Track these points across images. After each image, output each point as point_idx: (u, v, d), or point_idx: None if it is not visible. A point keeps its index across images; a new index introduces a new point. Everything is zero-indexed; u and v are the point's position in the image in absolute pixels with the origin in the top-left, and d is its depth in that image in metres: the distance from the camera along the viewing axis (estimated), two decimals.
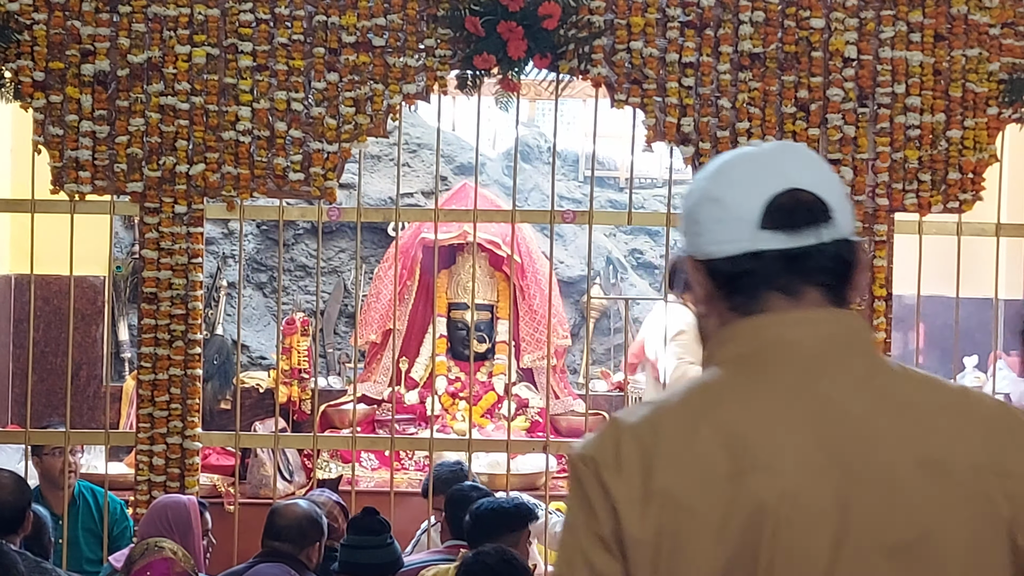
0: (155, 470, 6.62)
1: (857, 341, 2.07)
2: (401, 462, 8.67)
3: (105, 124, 6.58)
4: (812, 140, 6.56)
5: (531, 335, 9.33)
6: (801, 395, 2.00)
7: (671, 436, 1.99)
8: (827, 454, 1.96)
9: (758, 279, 2.06)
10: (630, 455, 1.98)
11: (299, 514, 5.68)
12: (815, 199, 2.04)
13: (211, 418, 8.44)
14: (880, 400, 2.01)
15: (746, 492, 1.94)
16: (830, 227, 2.04)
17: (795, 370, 2.02)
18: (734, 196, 2.07)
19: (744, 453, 1.95)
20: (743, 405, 2.01)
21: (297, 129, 6.60)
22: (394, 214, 7.04)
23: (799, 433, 1.97)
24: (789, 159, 2.10)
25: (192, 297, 6.63)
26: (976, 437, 2.01)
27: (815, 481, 1.95)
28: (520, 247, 9.06)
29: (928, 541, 1.96)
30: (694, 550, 1.94)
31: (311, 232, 10.67)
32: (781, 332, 2.05)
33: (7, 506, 5.34)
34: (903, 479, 1.97)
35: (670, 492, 1.95)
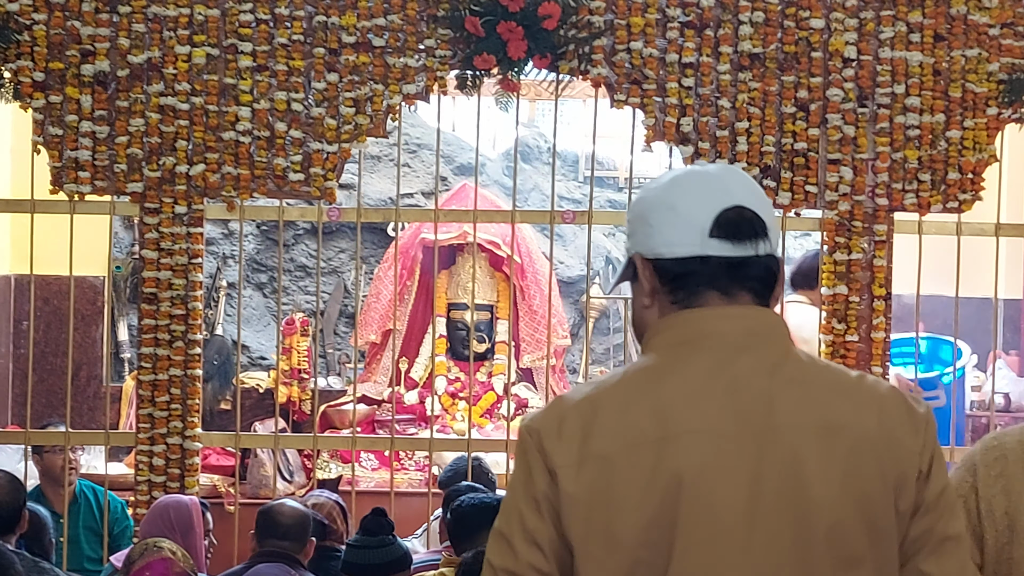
0: (155, 470, 6.62)
1: (773, 335, 2.39)
2: (401, 462, 8.67)
3: (105, 124, 6.58)
4: (812, 140, 6.56)
5: (531, 335, 9.33)
6: (720, 375, 2.32)
7: (607, 409, 2.30)
8: (738, 422, 2.28)
9: (701, 279, 2.37)
10: (571, 426, 2.29)
11: (297, 512, 5.70)
12: (756, 216, 2.37)
13: (211, 418, 8.45)
14: (786, 380, 2.33)
15: (669, 454, 2.25)
16: (765, 242, 2.38)
17: (718, 355, 2.34)
18: (687, 206, 2.38)
19: (668, 422, 2.27)
20: (671, 382, 2.32)
21: (297, 129, 6.60)
22: (394, 214, 7.04)
23: (715, 405, 2.29)
24: (734, 180, 2.42)
25: (192, 297, 6.63)
26: (870, 412, 2.33)
27: (727, 445, 2.27)
28: (520, 247, 9.07)
29: (824, 499, 2.26)
30: (622, 503, 2.24)
31: (311, 232, 10.67)
32: (712, 324, 2.36)
33: (2, 506, 5.33)
34: (802, 443, 2.28)
35: (604, 454, 2.26)
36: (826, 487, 2.27)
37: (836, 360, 6.56)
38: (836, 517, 2.27)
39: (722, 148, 6.58)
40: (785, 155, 6.59)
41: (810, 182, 6.60)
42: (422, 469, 8.67)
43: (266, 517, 5.69)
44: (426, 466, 8.50)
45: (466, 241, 9.14)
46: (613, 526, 2.24)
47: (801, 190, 6.60)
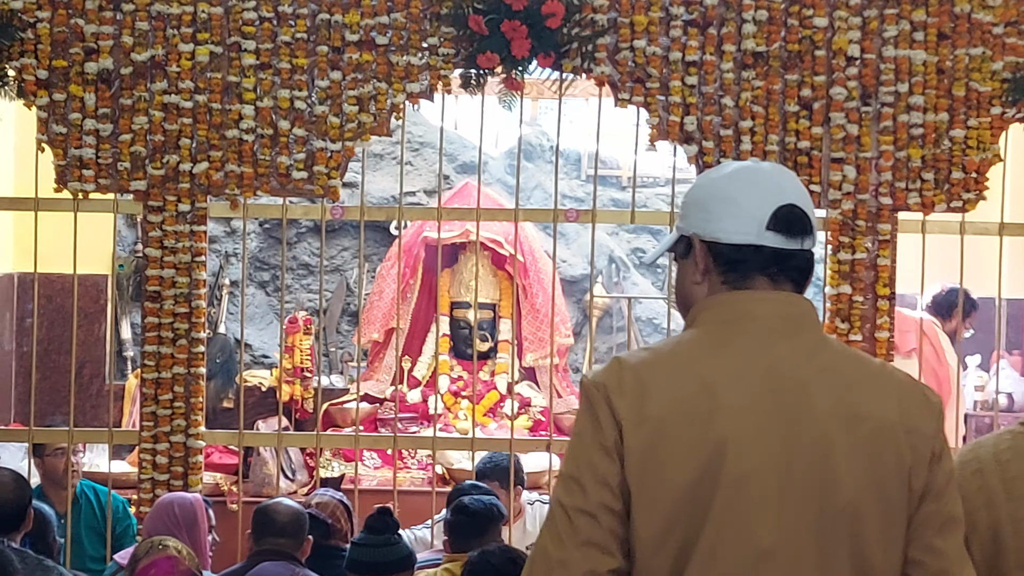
0: (158, 468, 6.62)
1: (808, 321, 2.68)
2: (404, 461, 8.67)
3: (108, 122, 6.58)
4: (815, 139, 6.56)
5: (534, 334, 9.33)
6: (762, 356, 2.61)
7: (661, 377, 2.60)
8: (776, 403, 2.57)
9: (753, 265, 2.67)
10: (631, 385, 2.59)
11: (293, 510, 5.70)
12: (804, 215, 2.66)
13: (213, 417, 8.44)
14: (819, 366, 2.62)
15: (715, 425, 2.54)
16: (810, 239, 2.68)
17: (758, 336, 2.64)
18: (748, 199, 2.67)
19: (715, 395, 2.56)
20: (719, 358, 2.62)
21: (300, 127, 6.60)
22: (397, 212, 7.03)
23: (756, 385, 2.58)
24: (786, 180, 2.72)
25: (195, 295, 6.63)
26: (890, 400, 2.61)
27: (765, 422, 2.56)
28: (523, 246, 9.07)
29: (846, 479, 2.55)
30: (672, 462, 2.54)
31: (313, 231, 10.67)
32: (756, 306, 2.66)
33: (7, 504, 5.32)
34: (831, 428, 2.56)
35: (658, 416, 2.56)
36: (849, 468, 2.55)
37: None
38: (855, 495, 2.55)
39: (726, 147, 6.58)
40: (788, 154, 6.59)
41: (813, 181, 6.59)
42: (424, 468, 8.67)
43: (262, 516, 5.69)
44: (428, 465, 8.50)
45: (469, 239, 9.13)
46: (662, 480, 2.54)
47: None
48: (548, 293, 9.12)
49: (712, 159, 6.57)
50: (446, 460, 8.34)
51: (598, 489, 2.57)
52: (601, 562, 2.56)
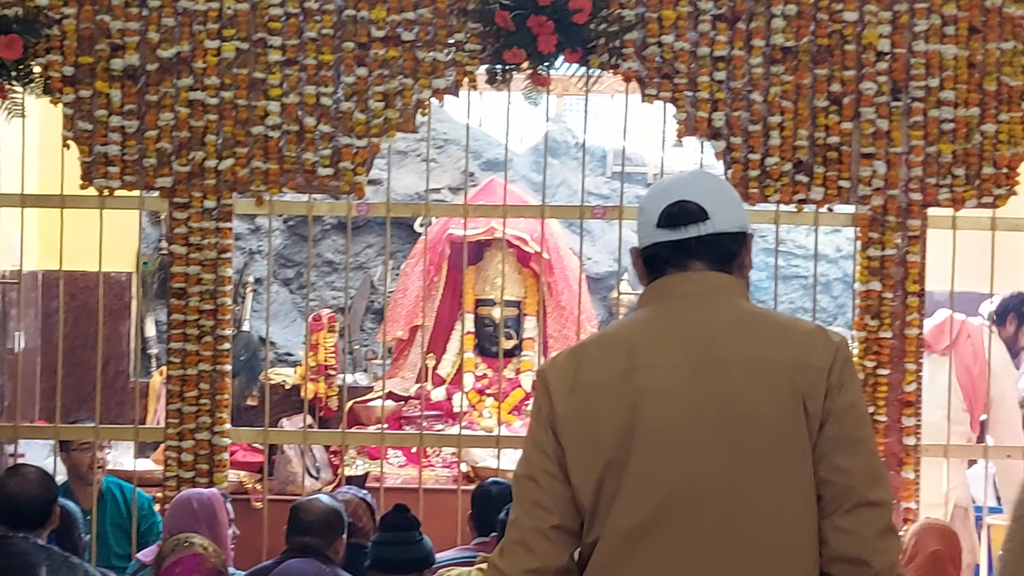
0: (184, 466, 6.60)
1: (722, 292, 3.07)
2: (429, 459, 8.64)
3: (134, 119, 6.56)
4: (845, 134, 6.51)
5: (559, 331, 9.29)
6: (676, 322, 3.03)
7: (595, 350, 3.08)
8: (685, 356, 2.98)
9: (659, 259, 3.09)
10: (567, 364, 3.06)
11: (325, 508, 5.66)
12: (696, 207, 3.05)
13: (237, 415, 8.42)
14: (726, 323, 3.03)
15: (634, 381, 2.97)
16: (703, 224, 3.05)
17: (675, 307, 3.05)
18: (648, 207, 3.12)
19: (635, 357, 3.00)
20: (641, 328, 3.07)
21: (326, 124, 6.58)
22: (423, 209, 7.00)
23: (669, 345, 3.00)
24: (689, 181, 3.15)
25: (221, 292, 6.62)
26: (789, 345, 2.99)
27: (676, 374, 2.97)
28: (548, 243, 9.02)
29: (749, 409, 2.94)
30: (600, 420, 2.97)
31: (337, 228, 10.65)
32: (672, 286, 3.07)
33: (33, 501, 5.32)
34: (732, 372, 2.96)
35: (588, 383, 3.00)
36: (751, 403, 2.94)
37: (869, 357, 6.53)
38: (758, 424, 2.93)
39: (754, 143, 6.54)
40: (818, 149, 6.55)
41: (843, 177, 6.55)
42: (449, 466, 8.64)
43: (293, 513, 5.67)
44: (453, 462, 8.47)
45: (494, 237, 9.09)
46: (593, 435, 2.97)
47: (834, 185, 6.55)
48: (574, 290, 9.08)
49: (740, 155, 6.54)
50: (471, 458, 8.31)
51: (538, 456, 3.03)
52: (543, 519, 3.00)
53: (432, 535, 5.74)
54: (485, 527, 6.04)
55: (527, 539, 3.01)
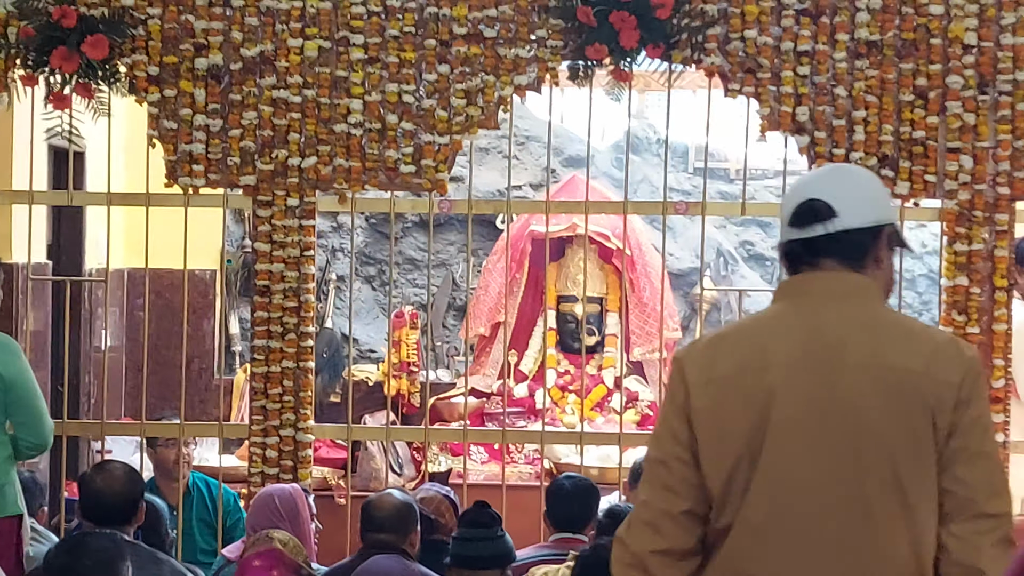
0: (268, 462, 6.64)
1: (856, 293, 3.12)
2: (511, 455, 8.64)
3: (218, 118, 6.60)
4: (931, 128, 6.45)
5: (641, 328, 9.25)
6: (809, 320, 3.10)
7: (729, 344, 3.17)
8: (816, 358, 3.05)
9: (793, 256, 3.20)
10: (702, 354, 3.17)
11: (396, 503, 5.65)
12: (824, 205, 3.13)
13: (320, 412, 8.46)
14: (859, 326, 3.08)
15: (765, 379, 3.06)
16: (831, 222, 3.12)
17: (809, 306, 3.12)
18: (785, 204, 3.24)
19: (767, 354, 3.08)
20: (773, 326, 3.16)
21: (408, 121, 6.59)
22: (504, 206, 7.00)
23: (801, 343, 3.07)
24: (822, 178, 3.28)
25: (304, 290, 6.64)
26: (920, 355, 3.03)
27: (806, 375, 3.05)
28: (630, 239, 8.98)
29: (876, 417, 3.01)
30: (732, 415, 3.06)
31: (419, 225, 10.67)
32: (805, 284, 3.16)
33: (119, 497, 5.34)
34: (863, 378, 3.02)
35: (722, 377, 3.10)
36: (878, 411, 3.00)
37: None
38: (884, 432, 3.00)
39: (839, 138, 6.49)
40: (903, 144, 6.49)
41: (929, 171, 6.49)
42: (531, 462, 8.63)
43: (365, 510, 5.67)
44: (535, 459, 8.47)
45: (575, 233, 9.07)
46: (725, 429, 3.06)
47: (920, 179, 6.49)
48: (656, 287, 9.03)
49: (824, 150, 6.49)
50: (554, 454, 8.30)
51: (670, 443, 3.12)
52: (673, 504, 3.09)
53: (514, 532, 5.73)
54: (560, 523, 6.03)
55: (656, 521, 3.11)
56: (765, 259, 10.92)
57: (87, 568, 4.23)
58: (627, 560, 3.15)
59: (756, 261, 11.02)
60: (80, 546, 4.33)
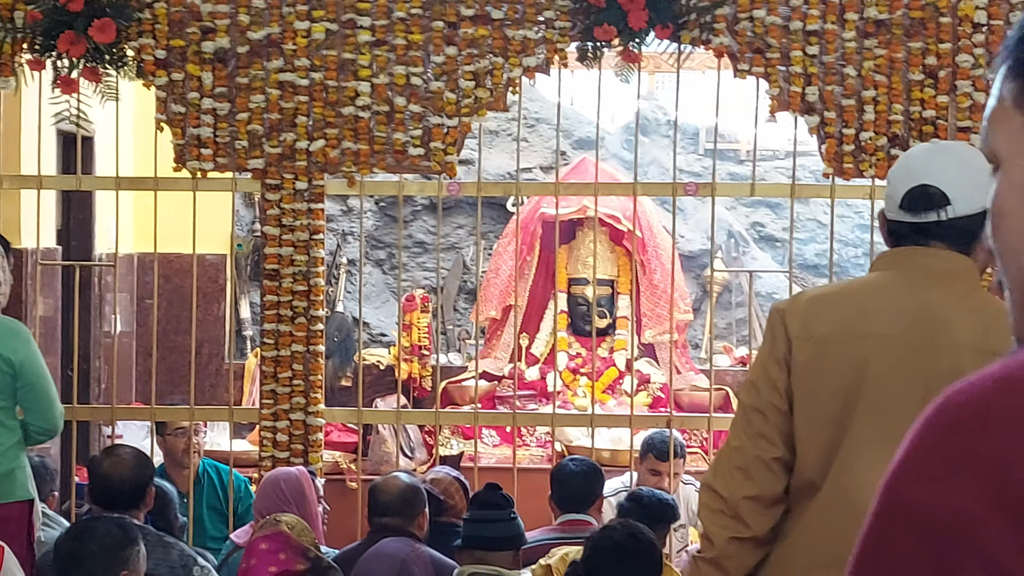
0: (279, 446, 6.64)
1: (963, 274, 3.15)
2: (522, 438, 8.62)
3: (226, 101, 6.59)
4: (941, 107, 6.42)
5: (652, 310, 9.23)
6: (915, 295, 3.13)
7: (830, 305, 3.21)
8: (920, 334, 3.08)
9: (898, 235, 3.23)
10: (804, 310, 3.20)
11: (402, 486, 5.65)
12: (938, 192, 3.13)
13: (332, 395, 8.46)
14: (966, 309, 3.10)
15: (865, 346, 3.10)
16: (945, 210, 3.13)
17: (915, 280, 3.14)
18: (896, 181, 3.24)
19: (868, 323, 3.13)
20: (877, 295, 3.19)
21: (416, 104, 6.57)
22: (514, 188, 6.98)
23: (906, 318, 3.10)
24: (933, 160, 3.22)
25: (314, 273, 6.64)
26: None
27: (906, 350, 3.08)
28: (640, 221, 8.96)
29: None
30: (826, 376, 3.11)
31: (429, 209, 10.65)
32: (912, 257, 3.18)
33: (127, 481, 5.34)
34: (965, 359, 3.01)
35: (822, 337, 3.13)
36: None
37: None
38: None
39: (848, 117, 6.46)
40: (913, 123, 6.46)
41: None
42: (543, 445, 8.62)
43: (371, 495, 5.67)
44: (547, 442, 8.45)
45: (586, 215, 9.05)
46: (818, 388, 3.11)
47: None
48: (667, 269, 9.02)
49: (834, 130, 6.46)
50: (565, 437, 8.29)
51: (769, 391, 3.16)
52: (767, 450, 3.15)
53: (526, 514, 5.73)
54: (566, 505, 6.04)
55: (749, 467, 3.17)
56: (776, 240, 10.89)
57: (94, 553, 4.23)
58: (717, 506, 3.19)
59: (767, 242, 11.00)
60: (88, 531, 4.33)
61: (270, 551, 4.63)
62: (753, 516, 3.17)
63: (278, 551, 4.63)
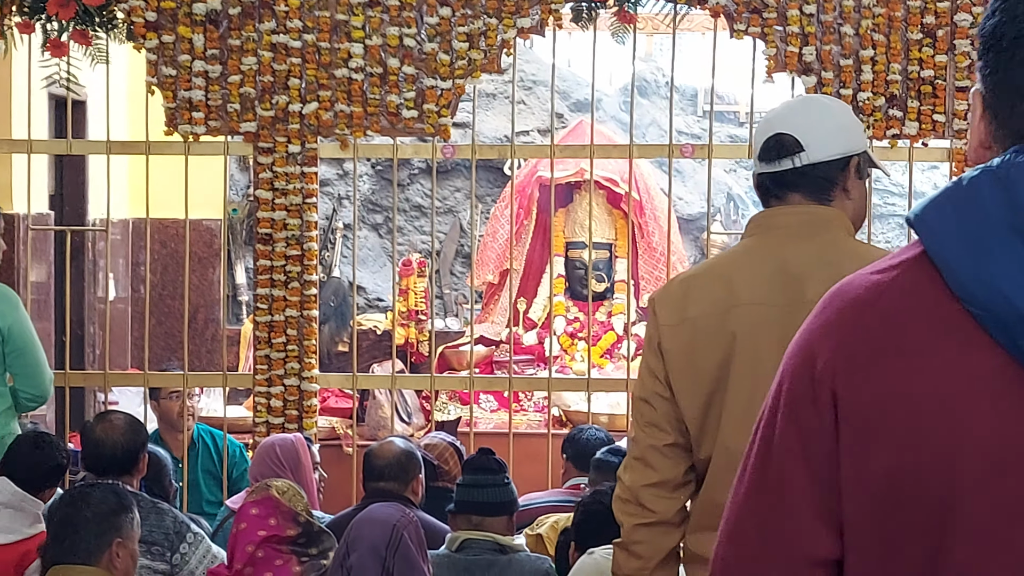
0: (273, 412, 6.60)
1: (821, 225, 3.16)
2: (520, 403, 8.59)
3: (217, 63, 6.53)
4: (939, 67, 6.36)
5: (650, 273, 9.19)
6: (773, 257, 3.15)
7: (700, 284, 3.23)
8: (778, 296, 3.10)
9: (763, 189, 3.25)
10: (675, 295, 3.24)
11: (397, 451, 5.62)
12: (791, 139, 3.15)
13: (328, 361, 8.43)
14: (820, 262, 3.08)
15: (731, 318, 3.14)
16: (798, 156, 3.15)
17: (774, 241, 3.17)
18: (757, 137, 3.27)
19: (733, 293, 3.15)
20: (741, 263, 3.22)
21: (410, 65, 6.50)
22: (510, 151, 6.93)
23: (766, 283, 3.13)
24: (791, 111, 3.27)
25: (307, 238, 6.59)
26: None
27: (768, 314, 3.11)
28: (638, 184, 8.90)
29: None
30: (701, 355, 3.15)
31: (425, 172, 10.61)
32: (770, 219, 3.22)
33: (120, 447, 5.29)
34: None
35: (692, 317, 3.18)
36: None
37: None
38: None
39: (846, 77, 6.40)
40: (912, 83, 6.40)
41: (938, 111, 6.40)
42: (541, 410, 8.59)
43: (366, 459, 5.65)
44: (544, 407, 8.42)
45: (583, 178, 8.99)
46: (695, 368, 3.16)
47: (929, 119, 6.40)
48: (664, 231, 8.96)
49: (832, 90, 6.40)
50: (562, 402, 8.26)
51: (651, 381, 3.22)
52: (659, 438, 3.22)
53: (523, 479, 5.71)
54: (584, 466, 6.01)
55: (645, 456, 3.25)
56: None
57: (88, 520, 4.19)
58: (624, 496, 3.29)
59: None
60: (83, 498, 4.29)
61: (260, 516, 4.59)
62: (655, 501, 3.25)
63: (268, 516, 4.59)
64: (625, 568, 3.31)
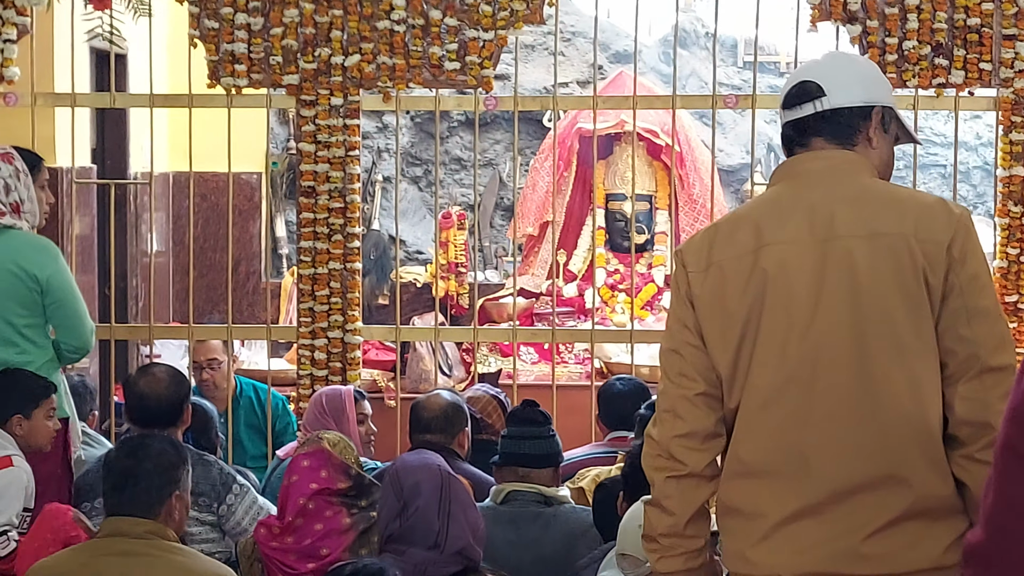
0: (316, 364, 6.62)
1: (844, 167, 3.20)
2: (561, 355, 8.58)
3: (260, 16, 6.52)
4: (986, 15, 6.31)
5: (691, 225, 9.15)
6: (800, 199, 3.18)
7: (727, 229, 3.25)
8: (810, 234, 3.13)
9: (788, 139, 3.29)
10: (702, 244, 3.25)
11: (443, 403, 5.63)
12: (814, 85, 3.22)
13: (369, 314, 8.44)
14: (847, 199, 3.14)
15: (761, 258, 3.14)
16: (823, 101, 3.21)
17: (799, 184, 3.21)
18: (784, 90, 3.32)
19: (762, 235, 3.16)
20: (768, 207, 3.25)
21: (452, 17, 6.48)
22: (551, 102, 6.90)
23: (794, 223, 3.15)
24: (817, 62, 3.34)
25: (350, 190, 6.58)
26: (909, 218, 3.10)
27: (800, 251, 3.12)
28: (679, 135, 8.86)
29: (871, 283, 3.08)
30: (731, 296, 3.15)
31: (465, 124, 10.58)
32: (797, 166, 3.25)
33: (163, 400, 5.30)
34: (854, 246, 3.10)
35: (720, 261, 3.19)
36: (871, 275, 3.07)
37: (1012, 244, 6.38)
38: (879, 294, 3.07)
39: (891, 26, 6.35)
40: (958, 32, 6.34)
41: (984, 59, 6.35)
42: (581, 362, 8.58)
43: (412, 412, 5.66)
44: (586, 359, 8.41)
45: (623, 130, 8.96)
46: (726, 311, 3.16)
47: (975, 68, 6.35)
48: (705, 183, 8.93)
49: (876, 39, 6.35)
50: (604, 354, 8.25)
51: (680, 331, 3.23)
52: (689, 387, 3.20)
53: (565, 431, 5.70)
54: (613, 423, 6.00)
55: (675, 407, 3.22)
56: None
57: (149, 472, 4.17)
58: (654, 451, 3.25)
59: None
60: (143, 448, 4.27)
61: (312, 468, 4.61)
62: (686, 454, 3.21)
63: (319, 468, 4.60)
64: (657, 527, 3.26)
